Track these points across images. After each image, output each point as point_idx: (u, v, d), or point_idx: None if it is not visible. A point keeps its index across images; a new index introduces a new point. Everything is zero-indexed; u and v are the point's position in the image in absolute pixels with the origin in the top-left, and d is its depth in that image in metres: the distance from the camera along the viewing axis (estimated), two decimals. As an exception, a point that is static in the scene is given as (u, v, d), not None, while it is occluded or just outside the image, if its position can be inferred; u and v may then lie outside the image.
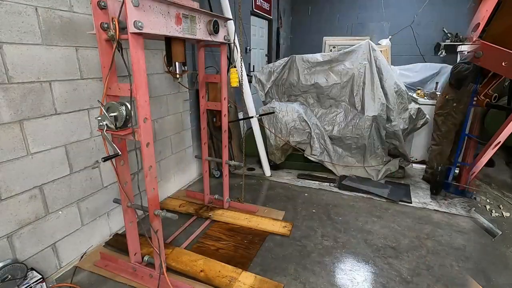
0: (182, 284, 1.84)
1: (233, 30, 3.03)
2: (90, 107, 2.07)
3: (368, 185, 3.29)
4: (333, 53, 3.75)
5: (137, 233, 1.98)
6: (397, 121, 3.38)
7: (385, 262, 2.13)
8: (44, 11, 1.72)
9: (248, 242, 2.33)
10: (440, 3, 5.86)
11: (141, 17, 1.40)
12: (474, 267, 2.09)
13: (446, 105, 3.15)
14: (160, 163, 2.90)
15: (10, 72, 1.60)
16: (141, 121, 1.53)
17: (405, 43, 6.23)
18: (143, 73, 1.49)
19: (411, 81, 4.76)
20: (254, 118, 3.43)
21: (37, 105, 1.75)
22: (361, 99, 3.53)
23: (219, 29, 2.07)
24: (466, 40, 5.56)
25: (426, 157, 3.94)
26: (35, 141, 1.76)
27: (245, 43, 4.70)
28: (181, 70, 2.08)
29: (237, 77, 2.60)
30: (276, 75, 3.93)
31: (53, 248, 1.94)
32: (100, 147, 2.16)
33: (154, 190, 1.69)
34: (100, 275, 1.97)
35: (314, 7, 6.98)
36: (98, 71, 2.07)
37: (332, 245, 2.33)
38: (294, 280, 1.96)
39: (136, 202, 1.84)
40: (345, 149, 3.67)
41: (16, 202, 1.71)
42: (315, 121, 3.67)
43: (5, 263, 1.63)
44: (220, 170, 3.54)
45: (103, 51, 1.57)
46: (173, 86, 2.96)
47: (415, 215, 2.77)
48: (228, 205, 2.84)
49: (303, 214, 2.77)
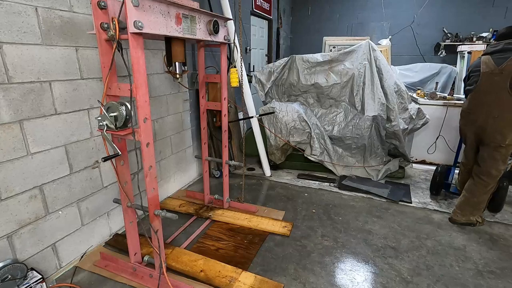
0: (182, 284, 1.84)
1: (233, 30, 3.03)
2: (90, 107, 2.07)
3: (368, 185, 3.29)
4: (333, 53, 3.75)
5: (137, 233, 1.98)
6: (397, 121, 3.38)
7: (385, 262, 2.13)
8: (44, 11, 1.72)
9: (248, 242, 2.33)
10: (440, 3, 5.86)
11: (141, 17, 1.40)
12: (474, 267, 2.09)
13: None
14: (160, 163, 2.90)
15: (10, 72, 1.60)
16: (141, 121, 1.53)
17: (405, 43, 6.23)
18: (143, 73, 1.49)
19: (411, 81, 4.77)
20: (254, 118, 3.43)
21: (37, 105, 1.75)
22: (361, 99, 3.53)
23: (219, 29, 2.07)
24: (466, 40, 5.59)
25: (426, 157, 3.96)
26: (35, 141, 1.76)
27: (245, 43, 4.70)
28: (181, 70, 2.08)
29: (237, 77, 2.60)
30: (276, 75, 3.93)
31: (53, 248, 1.94)
32: (100, 147, 2.16)
33: (154, 190, 1.69)
34: (100, 275, 1.97)
35: (314, 7, 6.99)
36: (98, 71, 2.07)
37: (332, 245, 2.33)
38: (294, 280, 1.96)
39: (136, 202, 1.84)
40: (345, 149, 3.67)
41: (16, 202, 1.71)
42: (315, 121, 3.67)
43: (5, 263, 1.63)
44: (220, 170, 3.54)
45: (103, 51, 1.57)
46: (173, 86, 2.96)
47: (415, 215, 2.77)
48: (228, 205, 2.84)
49: (303, 214, 2.77)
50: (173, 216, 1.68)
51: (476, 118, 2.45)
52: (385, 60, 3.62)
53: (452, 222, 2.62)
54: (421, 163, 4.00)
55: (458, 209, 2.60)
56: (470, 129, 2.54)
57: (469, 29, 5.68)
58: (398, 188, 3.28)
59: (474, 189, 2.53)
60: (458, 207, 2.61)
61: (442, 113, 3.72)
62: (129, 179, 1.84)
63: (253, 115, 3.41)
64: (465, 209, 2.56)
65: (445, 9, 5.86)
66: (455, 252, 2.25)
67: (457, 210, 2.60)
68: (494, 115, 2.32)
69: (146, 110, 1.54)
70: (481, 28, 5.59)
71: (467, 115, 2.56)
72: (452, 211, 2.66)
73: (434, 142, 3.81)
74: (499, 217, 2.72)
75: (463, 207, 2.57)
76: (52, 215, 1.91)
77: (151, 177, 1.66)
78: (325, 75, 3.72)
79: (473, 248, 2.30)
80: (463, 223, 2.57)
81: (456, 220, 2.59)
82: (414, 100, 3.97)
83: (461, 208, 2.58)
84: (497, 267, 2.10)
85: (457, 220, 2.59)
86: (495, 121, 2.32)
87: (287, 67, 3.90)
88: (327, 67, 3.73)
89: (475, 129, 2.49)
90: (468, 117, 2.54)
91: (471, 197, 2.54)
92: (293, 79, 3.86)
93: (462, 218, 2.57)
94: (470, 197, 2.55)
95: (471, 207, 2.54)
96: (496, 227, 2.57)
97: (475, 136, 2.52)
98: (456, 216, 2.60)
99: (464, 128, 2.63)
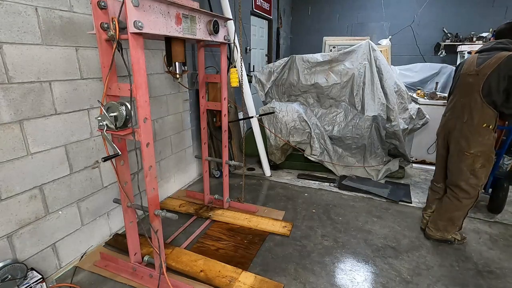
0: (182, 284, 1.84)
1: (233, 30, 3.03)
2: (90, 107, 2.07)
3: (368, 185, 3.29)
4: (333, 53, 3.75)
5: (137, 233, 1.98)
6: (397, 121, 3.38)
7: (385, 262, 2.13)
8: (44, 11, 1.72)
9: (248, 242, 2.33)
10: (440, 3, 5.86)
11: (141, 17, 1.40)
12: (474, 267, 2.09)
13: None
14: (160, 163, 2.90)
15: (10, 72, 1.60)
16: (141, 121, 1.53)
17: (405, 43, 6.23)
18: (143, 73, 1.49)
19: (411, 81, 4.77)
20: (254, 118, 3.43)
21: (37, 105, 1.75)
22: (361, 99, 3.53)
23: (219, 29, 2.06)
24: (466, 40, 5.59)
25: (426, 157, 3.96)
26: (35, 141, 1.76)
27: (245, 43, 4.70)
28: (181, 70, 2.08)
29: (237, 77, 2.60)
30: (276, 75, 3.93)
31: (53, 248, 1.94)
32: (100, 147, 2.16)
33: (154, 190, 1.69)
34: (100, 275, 1.97)
35: (314, 7, 6.99)
36: (98, 71, 2.07)
37: (332, 245, 2.33)
38: (294, 280, 1.96)
39: (136, 202, 1.84)
40: (345, 149, 3.67)
41: (16, 202, 1.70)
42: (315, 121, 3.67)
43: (5, 263, 1.63)
44: (220, 170, 3.54)
45: (103, 51, 1.57)
46: (173, 86, 2.96)
47: (415, 215, 2.77)
48: (228, 205, 2.84)
49: (303, 214, 2.77)
50: (173, 216, 1.68)
51: (447, 121, 2.27)
52: (385, 60, 3.62)
53: (427, 237, 2.39)
54: (421, 163, 4.00)
55: (431, 222, 2.36)
56: (441, 134, 2.33)
57: (469, 29, 5.67)
58: (398, 188, 3.28)
59: (447, 201, 2.27)
60: (430, 221, 2.38)
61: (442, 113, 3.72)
62: (129, 179, 1.84)
63: (253, 115, 3.41)
64: (436, 223, 2.32)
65: (445, 9, 5.86)
66: (455, 252, 2.25)
67: (430, 224, 2.37)
68: (463, 119, 2.11)
69: (146, 110, 1.54)
70: (481, 28, 5.58)
71: (443, 118, 2.35)
72: (427, 226, 2.41)
73: (434, 142, 3.80)
74: (499, 217, 2.72)
75: (434, 221, 2.34)
76: (52, 215, 1.91)
77: (151, 177, 1.66)
78: (325, 75, 3.72)
79: (473, 248, 2.30)
80: (438, 239, 2.33)
81: (430, 235, 2.35)
82: (414, 100, 3.97)
83: (433, 222, 2.35)
84: (497, 267, 2.10)
85: (431, 235, 2.35)
86: (462, 126, 2.11)
87: (287, 67, 3.90)
88: (327, 67, 3.73)
89: (444, 133, 2.29)
90: (442, 121, 2.35)
91: (443, 211, 2.29)
92: (293, 79, 3.86)
93: (436, 233, 2.32)
94: (442, 212, 2.30)
95: (443, 222, 2.28)
96: (496, 227, 2.57)
97: (443, 141, 2.32)
98: (429, 230, 2.36)
99: (438, 134, 2.40)
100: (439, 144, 2.39)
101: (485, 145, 2.06)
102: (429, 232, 2.37)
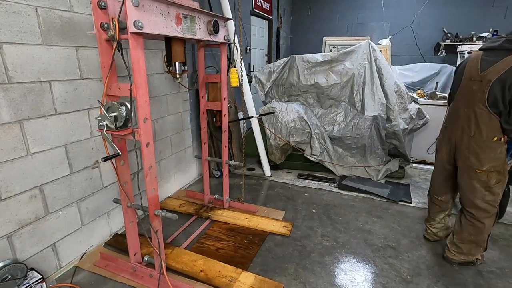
0: (182, 284, 1.84)
1: (233, 30, 3.03)
2: (90, 107, 2.07)
3: (368, 185, 3.29)
4: (333, 53, 3.75)
5: (137, 233, 1.98)
6: (397, 121, 3.38)
7: (385, 262, 2.13)
8: (44, 11, 1.72)
9: (248, 242, 2.33)
10: (440, 3, 5.86)
11: (141, 17, 1.40)
12: (474, 267, 2.09)
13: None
14: (160, 163, 2.90)
15: (10, 72, 1.60)
16: (141, 121, 1.53)
17: (405, 43, 6.23)
18: (143, 73, 1.49)
19: (411, 81, 4.77)
20: (254, 118, 3.43)
21: (37, 105, 1.75)
22: (361, 99, 3.53)
23: (219, 29, 2.06)
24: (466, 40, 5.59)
25: (426, 157, 3.95)
26: (35, 141, 1.76)
27: (245, 43, 4.70)
28: (181, 70, 2.08)
29: (237, 77, 2.60)
30: (276, 75, 3.93)
31: (53, 248, 1.94)
32: (100, 147, 2.16)
33: (154, 190, 1.69)
34: (100, 275, 1.97)
35: (314, 7, 6.99)
36: (98, 71, 2.07)
37: (332, 245, 2.33)
38: (294, 280, 1.96)
39: (136, 202, 1.84)
40: (345, 149, 3.67)
41: (16, 202, 1.71)
42: (315, 121, 3.67)
43: (5, 263, 1.63)
44: (220, 170, 3.54)
45: (103, 51, 1.57)
46: (173, 86, 2.96)
47: (415, 215, 2.77)
48: (228, 205, 2.84)
49: (303, 214, 2.77)
50: (173, 216, 1.68)
51: (451, 134, 2.02)
52: (385, 60, 3.62)
53: (448, 262, 2.12)
54: (421, 163, 4.00)
55: (451, 245, 2.10)
56: (445, 147, 2.10)
57: (469, 29, 5.67)
58: (398, 188, 3.28)
59: (467, 224, 2.02)
60: (450, 243, 2.12)
61: (442, 113, 3.70)
62: (129, 179, 1.84)
63: (253, 115, 3.41)
64: (459, 247, 2.07)
65: (445, 9, 5.86)
66: (455, 252, 2.25)
67: (451, 247, 2.10)
68: (470, 132, 1.87)
69: (146, 110, 1.54)
70: (481, 28, 5.58)
71: (444, 129, 2.12)
72: (446, 248, 2.16)
73: (434, 142, 3.79)
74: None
75: (455, 244, 2.08)
76: (52, 215, 1.91)
77: (151, 177, 1.66)
78: (325, 75, 3.72)
79: (473, 248, 2.30)
80: (461, 262, 2.09)
81: (453, 259, 2.10)
82: (414, 100, 3.97)
83: (453, 245, 2.09)
84: (497, 267, 2.10)
85: (453, 259, 2.10)
86: (470, 140, 1.88)
87: (287, 67, 3.90)
88: (327, 67, 3.73)
89: (450, 147, 2.04)
90: (445, 132, 2.11)
91: (466, 235, 2.03)
92: (293, 79, 3.86)
93: (460, 257, 2.07)
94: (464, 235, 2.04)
95: (467, 245, 2.04)
96: (496, 227, 2.57)
97: (448, 156, 2.08)
98: (451, 254, 2.10)
99: (439, 145, 2.18)
100: (443, 158, 2.14)
101: (498, 159, 1.84)
102: (451, 256, 2.10)
